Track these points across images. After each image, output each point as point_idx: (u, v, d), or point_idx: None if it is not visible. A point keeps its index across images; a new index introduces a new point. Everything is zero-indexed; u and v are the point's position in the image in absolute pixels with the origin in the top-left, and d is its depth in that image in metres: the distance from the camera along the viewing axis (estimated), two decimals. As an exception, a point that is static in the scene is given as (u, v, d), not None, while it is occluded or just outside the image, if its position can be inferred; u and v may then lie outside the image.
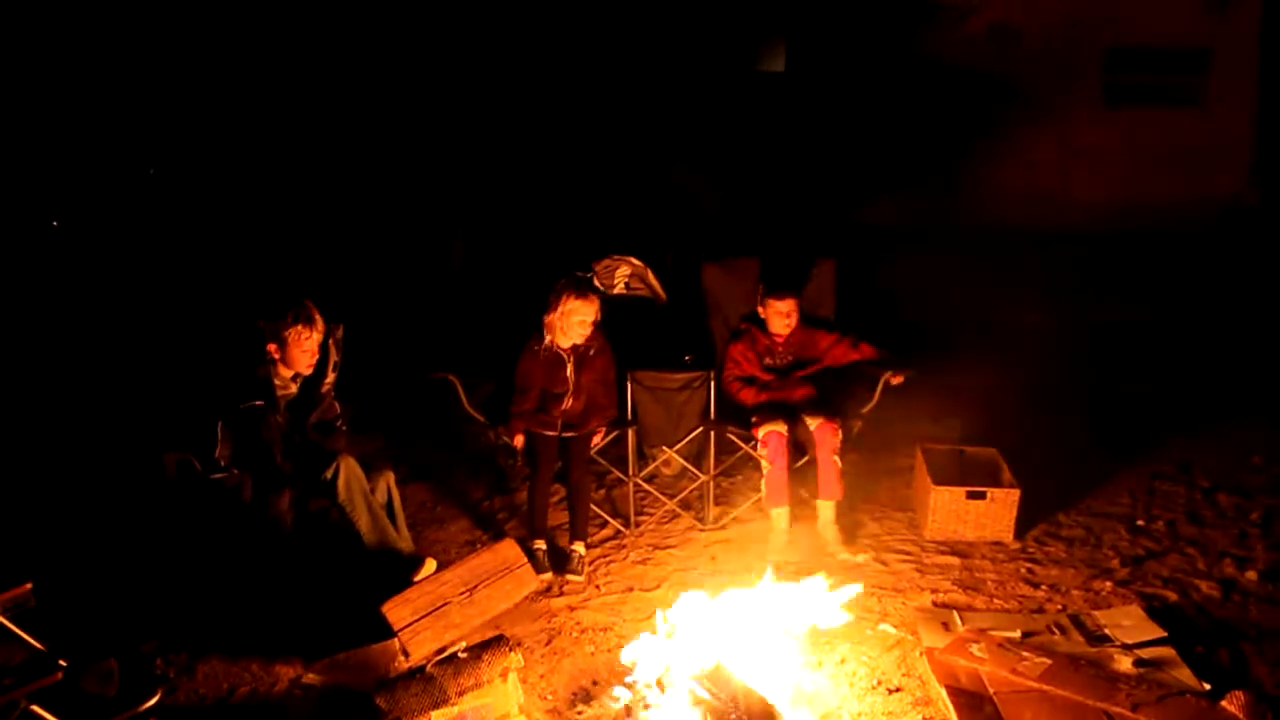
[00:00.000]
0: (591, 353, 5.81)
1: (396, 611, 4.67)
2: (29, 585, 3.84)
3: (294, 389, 5.15)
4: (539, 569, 5.47)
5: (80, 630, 4.39)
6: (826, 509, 5.73)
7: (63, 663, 3.72)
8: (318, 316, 5.04)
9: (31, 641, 3.86)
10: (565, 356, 5.78)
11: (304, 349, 5.01)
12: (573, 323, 5.68)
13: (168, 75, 12.29)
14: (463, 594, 4.87)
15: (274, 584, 5.02)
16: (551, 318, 5.72)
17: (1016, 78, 13.83)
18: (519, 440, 5.73)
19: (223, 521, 5.10)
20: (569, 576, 5.54)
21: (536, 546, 5.64)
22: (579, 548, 5.68)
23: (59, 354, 8.85)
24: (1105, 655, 4.49)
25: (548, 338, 5.78)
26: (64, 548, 5.72)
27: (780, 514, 5.72)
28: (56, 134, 11.61)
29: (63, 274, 10.43)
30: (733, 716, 4.06)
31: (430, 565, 5.14)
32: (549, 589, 5.40)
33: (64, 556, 5.60)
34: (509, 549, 5.20)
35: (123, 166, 12.30)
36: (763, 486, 5.79)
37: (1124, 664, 4.41)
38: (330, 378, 5.22)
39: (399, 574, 5.01)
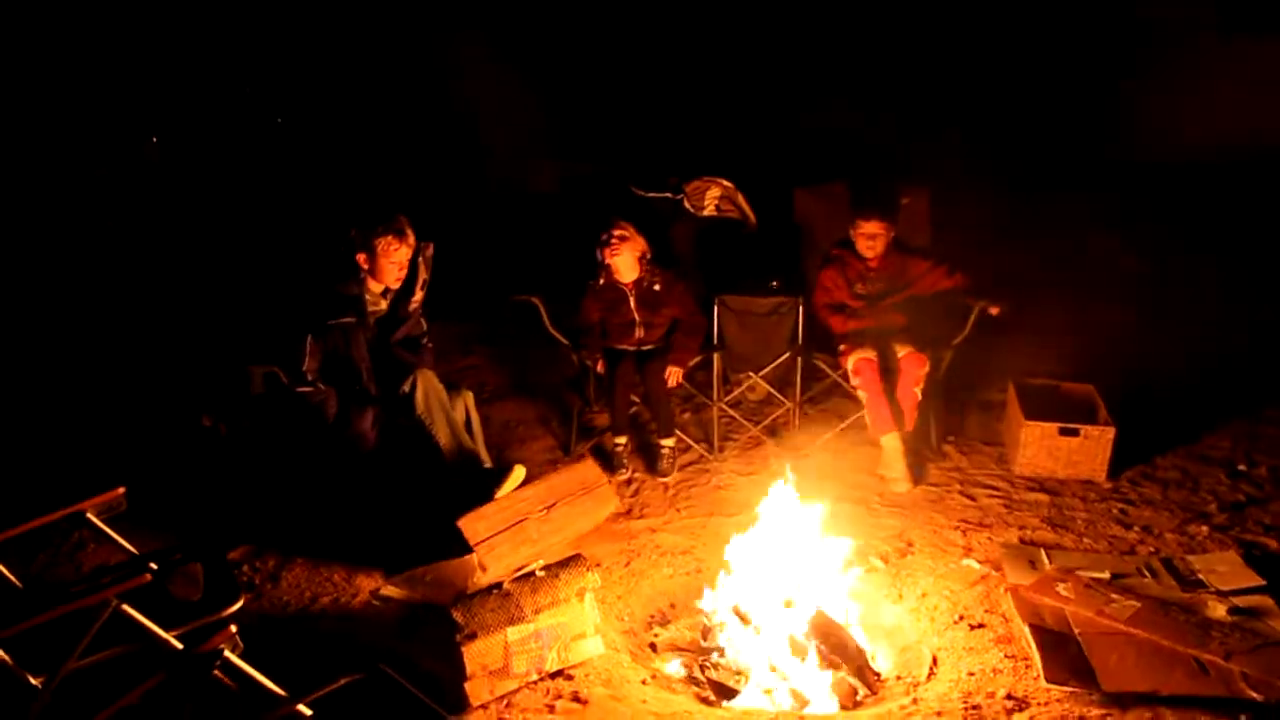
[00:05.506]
0: (656, 288, 5.78)
1: (473, 526, 4.65)
2: (122, 489, 3.93)
3: (384, 305, 5.13)
4: (618, 466, 5.71)
5: (170, 535, 4.46)
6: (892, 439, 5.62)
7: (153, 565, 3.80)
8: (409, 230, 4.99)
9: (123, 543, 3.96)
10: (627, 291, 5.78)
11: (393, 260, 4.97)
12: (616, 263, 5.75)
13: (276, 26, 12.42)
14: (541, 511, 4.84)
15: (357, 498, 5.08)
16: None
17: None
18: (600, 365, 5.80)
19: (308, 435, 5.15)
20: (658, 478, 5.69)
21: (617, 442, 5.80)
22: (667, 442, 5.80)
23: (156, 263, 9.03)
24: (1198, 601, 4.34)
25: (602, 277, 5.82)
26: (157, 454, 5.85)
27: (890, 439, 5.60)
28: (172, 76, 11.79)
29: (160, 188, 10.59)
30: (810, 645, 4.04)
31: (519, 473, 5.05)
32: (629, 511, 5.41)
33: (156, 462, 5.74)
34: (588, 469, 5.16)
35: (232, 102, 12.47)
36: (866, 418, 5.70)
37: (1218, 611, 4.24)
38: (418, 295, 5.18)
39: (480, 489, 4.98)
